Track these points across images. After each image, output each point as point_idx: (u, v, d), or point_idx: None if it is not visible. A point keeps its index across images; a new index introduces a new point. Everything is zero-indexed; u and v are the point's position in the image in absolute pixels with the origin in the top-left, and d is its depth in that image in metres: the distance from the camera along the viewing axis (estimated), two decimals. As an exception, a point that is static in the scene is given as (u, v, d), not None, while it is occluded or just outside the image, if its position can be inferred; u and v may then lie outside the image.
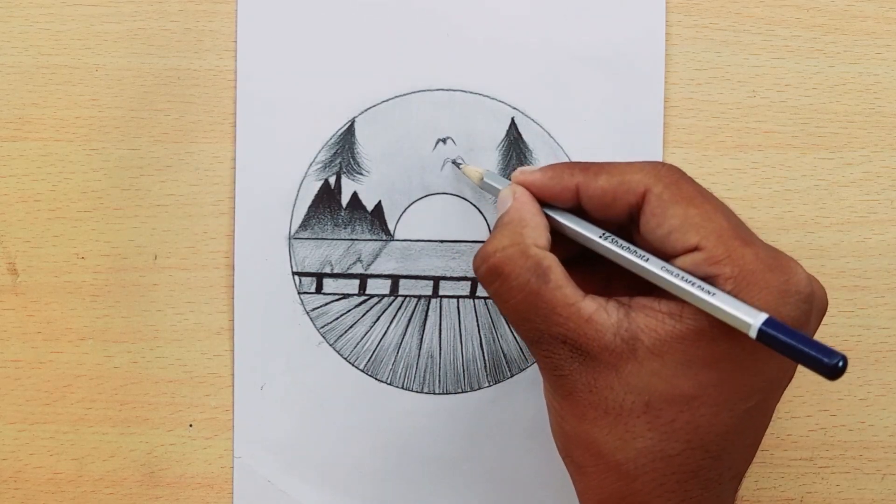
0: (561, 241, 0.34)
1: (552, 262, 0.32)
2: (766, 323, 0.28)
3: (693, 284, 0.30)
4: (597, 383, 0.31)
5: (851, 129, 0.41)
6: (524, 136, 0.40)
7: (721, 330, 0.30)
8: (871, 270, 0.41)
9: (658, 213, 0.31)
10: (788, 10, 0.41)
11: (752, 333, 0.29)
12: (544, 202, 0.34)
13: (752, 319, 0.29)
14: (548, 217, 0.34)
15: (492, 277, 0.32)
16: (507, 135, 0.41)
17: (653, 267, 0.31)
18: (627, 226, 0.33)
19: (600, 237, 0.33)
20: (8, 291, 0.41)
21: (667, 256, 0.31)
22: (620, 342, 0.30)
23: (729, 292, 0.30)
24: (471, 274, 0.41)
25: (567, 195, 0.34)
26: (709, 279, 0.30)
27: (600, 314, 0.31)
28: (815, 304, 0.31)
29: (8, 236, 0.41)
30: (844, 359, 0.27)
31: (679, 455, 0.31)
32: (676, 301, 0.31)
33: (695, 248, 0.30)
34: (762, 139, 0.41)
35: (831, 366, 0.27)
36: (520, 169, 0.35)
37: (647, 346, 0.30)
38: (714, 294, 0.29)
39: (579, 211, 0.34)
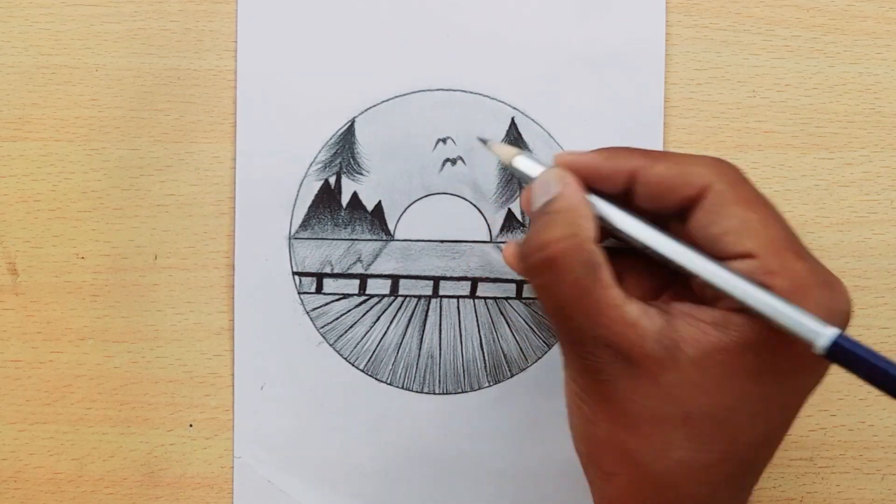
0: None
1: (603, 259, 0.30)
2: (840, 337, 0.27)
3: (763, 290, 0.29)
4: (637, 391, 0.30)
5: (851, 129, 0.41)
6: (524, 136, 0.40)
7: (768, 343, 0.29)
8: (871, 270, 0.41)
9: (716, 212, 0.30)
10: (788, 10, 0.41)
11: (821, 345, 0.27)
12: (590, 188, 0.32)
13: (822, 330, 0.27)
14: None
15: (543, 269, 0.30)
16: (507, 135, 0.41)
17: (721, 270, 0.30)
18: (670, 220, 0.32)
19: (660, 232, 0.31)
20: (8, 291, 0.41)
21: (716, 256, 0.30)
22: (662, 350, 0.29)
23: None
24: (471, 274, 0.41)
25: (620, 180, 0.31)
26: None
27: (643, 319, 0.30)
28: (848, 323, 0.30)
29: (8, 236, 0.41)
30: None
31: (715, 465, 0.30)
32: (720, 311, 0.30)
33: (748, 255, 0.29)
34: (762, 139, 0.41)
35: None
36: (565, 151, 0.33)
37: (689, 356, 0.29)
38: (784, 302, 0.28)
39: (621, 200, 0.32)
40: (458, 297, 0.41)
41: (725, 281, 0.29)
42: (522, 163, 0.34)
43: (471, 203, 0.41)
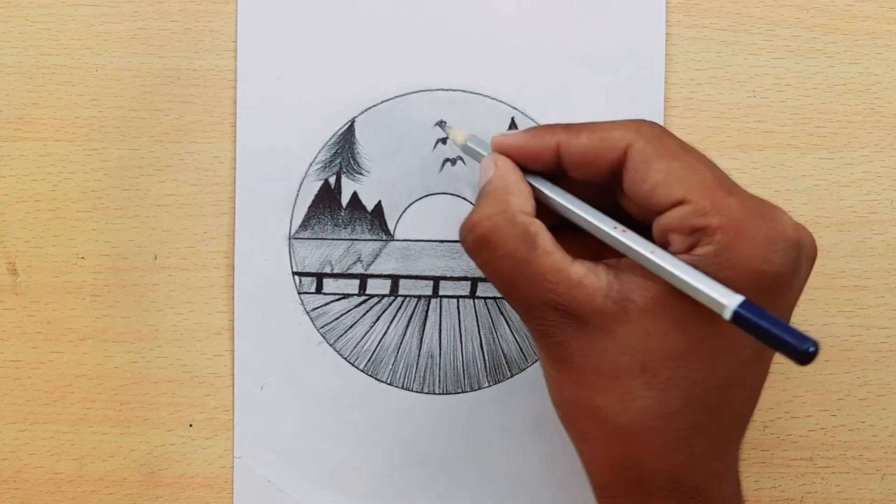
0: (546, 208, 0.33)
1: (539, 227, 0.32)
2: (741, 305, 0.28)
3: (667, 261, 0.30)
4: (592, 347, 0.31)
5: (851, 129, 0.41)
6: (524, 136, 0.40)
7: None
8: (871, 270, 0.41)
9: (641, 169, 0.31)
10: (788, 10, 0.41)
11: (727, 315, 0.28)
12: (526, 169, 0.34)
13: (727, 301, 0.28)
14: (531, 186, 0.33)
15: (479, 247, 0.32)
16: (507, 135, 0.41)
17: (627, 240, 0.31)
18: (610, 186, 0.33)
19: (574, 205, 0.33)
20: (8, 291, 0.41)
21: (652, 212, 0.31)
22: (612, 304, 0.30)
23: (718, 243, 0.29)
24: (471, 274, 0.41)
25: (548, 155, 0.33)
26: (696, 231, 0.30)
27: (590, 277, 0.31)
28: (803, 251, 0.31)
29: (8, 236, 0.41)
30: (816, 344, 0.27)
31: (679, 412, 0.30)
32: None
33: (680, 202, 0.30)
34: (762, 139, 0.41)
35: (802, 350, 0.27)
36: (499, 133, 0.34)
37: (638, 305, 0.30)
38: (688, 273, 0.29)
39: (559, 177, 0.33)
40: (458, 297, 0.41)
41: (633, 250, 0.31)
42: (473, 144, 0.36)
43: (471, 203, 0.41)
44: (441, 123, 0.40)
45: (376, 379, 0.41)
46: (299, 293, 0.41)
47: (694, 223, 0.30)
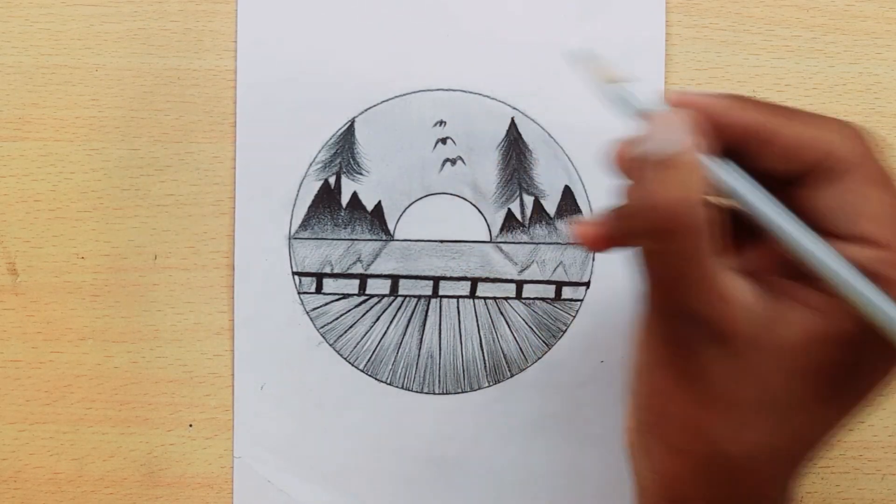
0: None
1: (716, 227, 0.27)
2: None
3: (867, 285, 0.26)
4: (722, 369, 0.28)
5: (851, 129, 0.41)
6: (524, 136, 0.40)
7: (867, 339, 0.27)
8: (871, 270, 0.41)
9: (847, 189, 0.27)
10: (788, 10, 0.41)
11: None
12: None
13: None
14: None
15: (654, 235, 0.27)
16: (507, 135, 0.41)
17: (826, 257, 0.27)
18: (783, 182, 0.28)
19: (772, 203, 0.27)
20: (8, 291, 0.41)
21: (829, 234, 0.27)
22: (758, 329, 0.27)
23: None
24: (471, 274, 0.41)
25: (738, 132, 0.28)
26: (878, 280, 0.27)
27: (743, 296, 0.27)
28: None
29: (8, 236, 0.41)
30: None
31: (784, 449, 0.29)
32: (827, 295, 0.27)
33: (871, 242, 0.27)
34: (762, 139, 0.41)
35: None
36: (678, 91, 0.29)
37: (785, 339, 0.27)
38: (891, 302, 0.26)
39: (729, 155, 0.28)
40: (457, 297, 0.41)
41: (833, 270, 0.26)
42: (630, 93, 0.29)
43: (471, 203, 0.41)
44: (580, 54, 0.31)
45: (376, 379, 0.41)
46: (299, 293, 0.41)
47: (880, 270, 0.27)
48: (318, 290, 0.41)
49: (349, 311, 0.41)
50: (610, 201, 0.29)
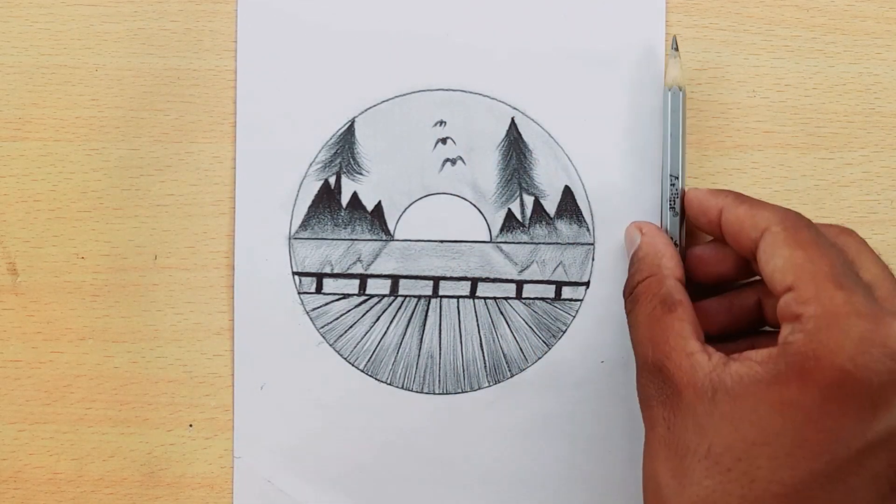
0: (708, 271, 0.37)
1: (683, 298, 0.34)
2: None
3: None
4: (674, 420, 0.31)
5: (851, 129, 0.41)
6: (524, 136, 0.40)
7: (793, 375, 0.29)
8: (871, 270, 0.41)
9: (768, 252, 0.32)
10: (788, 10, 0.41)
11: None
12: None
13: None
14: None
15: (631, 306, 0.36)
16: (507, 135, 0.41)
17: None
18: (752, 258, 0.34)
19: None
20: (8, 291, 0.41)
21: (772, 294, 0.32)
22: (707, 384, 0.31)
23: (808, 333, 0.29)
24: (470, 274, 0.41)
25: (713, 216, 0.36)
26: (795, 319, 0.30)
27: (702, 356, 0.32)
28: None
29: (8, 236, 0.41)
30: None
31: None
32: (771, 350, 0.30)
33: (789, 289, 0.31)
34: (762, 139, 0.41)
35: None
36: (693, 188, 0.38)
37: (727, 387, 0.30)
38: None
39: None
40: (457, 298, 0.41)
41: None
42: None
43: (471, 203, 0.41)
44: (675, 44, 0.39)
45: (376, 379, 0.41)
46: (299, 293, 0.41)
47: (794, 310, 0.30)
48: (319, 290, 0.41)
49: (349, 311, 0.41)
50: (610, 201, 0.29)
